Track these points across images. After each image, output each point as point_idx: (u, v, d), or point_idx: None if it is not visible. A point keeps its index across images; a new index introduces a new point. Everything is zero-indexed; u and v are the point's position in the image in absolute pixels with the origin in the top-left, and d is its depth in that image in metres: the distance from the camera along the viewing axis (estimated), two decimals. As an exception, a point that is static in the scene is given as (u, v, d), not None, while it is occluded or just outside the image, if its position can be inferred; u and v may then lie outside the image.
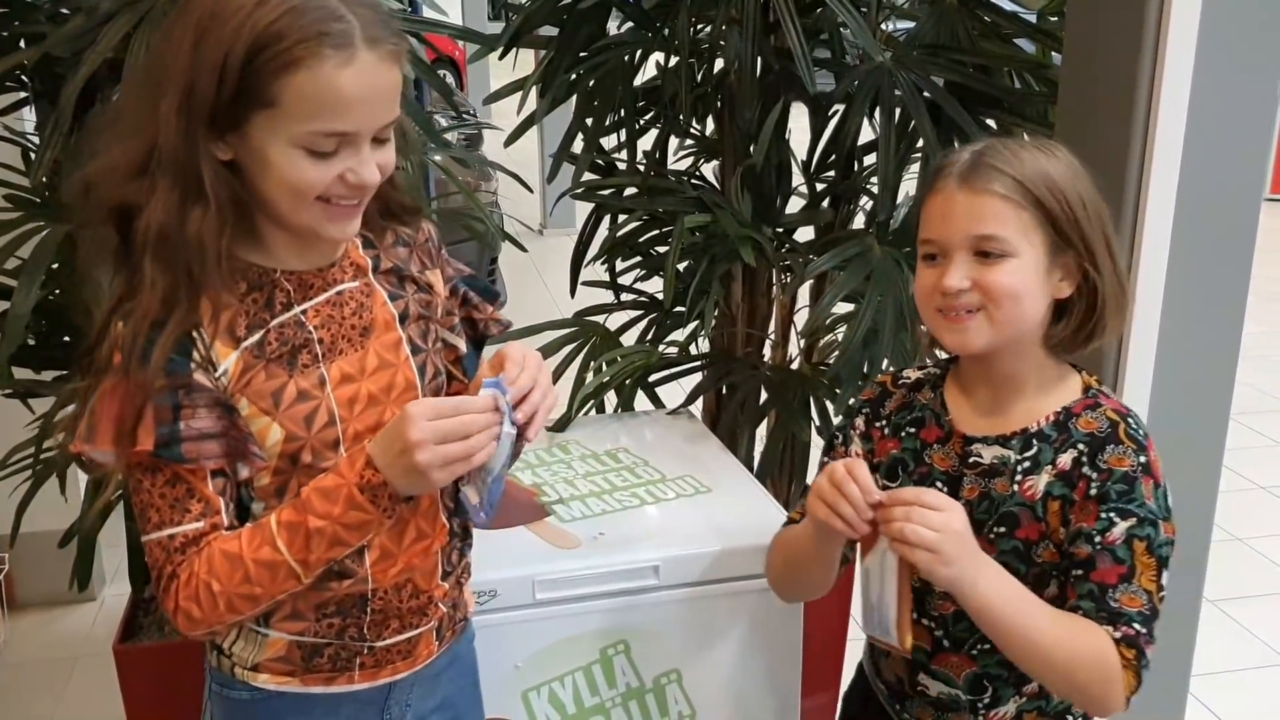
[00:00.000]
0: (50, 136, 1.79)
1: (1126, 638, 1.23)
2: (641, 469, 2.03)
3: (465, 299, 1.43)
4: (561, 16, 2.31)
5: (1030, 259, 1.27)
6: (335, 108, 1.12)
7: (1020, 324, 1.29)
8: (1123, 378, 1.64)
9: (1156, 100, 1.55)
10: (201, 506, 1.20)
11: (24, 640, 3.14)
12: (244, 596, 1.20)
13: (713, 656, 1.78)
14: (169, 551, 1.20)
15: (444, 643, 1.41)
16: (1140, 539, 1.25)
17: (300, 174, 1.15)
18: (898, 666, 1.45)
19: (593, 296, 2.60)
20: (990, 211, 1.26)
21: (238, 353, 1.21)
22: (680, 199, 2.33)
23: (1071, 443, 1.30)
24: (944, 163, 1.33)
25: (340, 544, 1.21)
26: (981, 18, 2.25)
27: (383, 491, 1.18)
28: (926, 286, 1.32)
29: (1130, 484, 1.27)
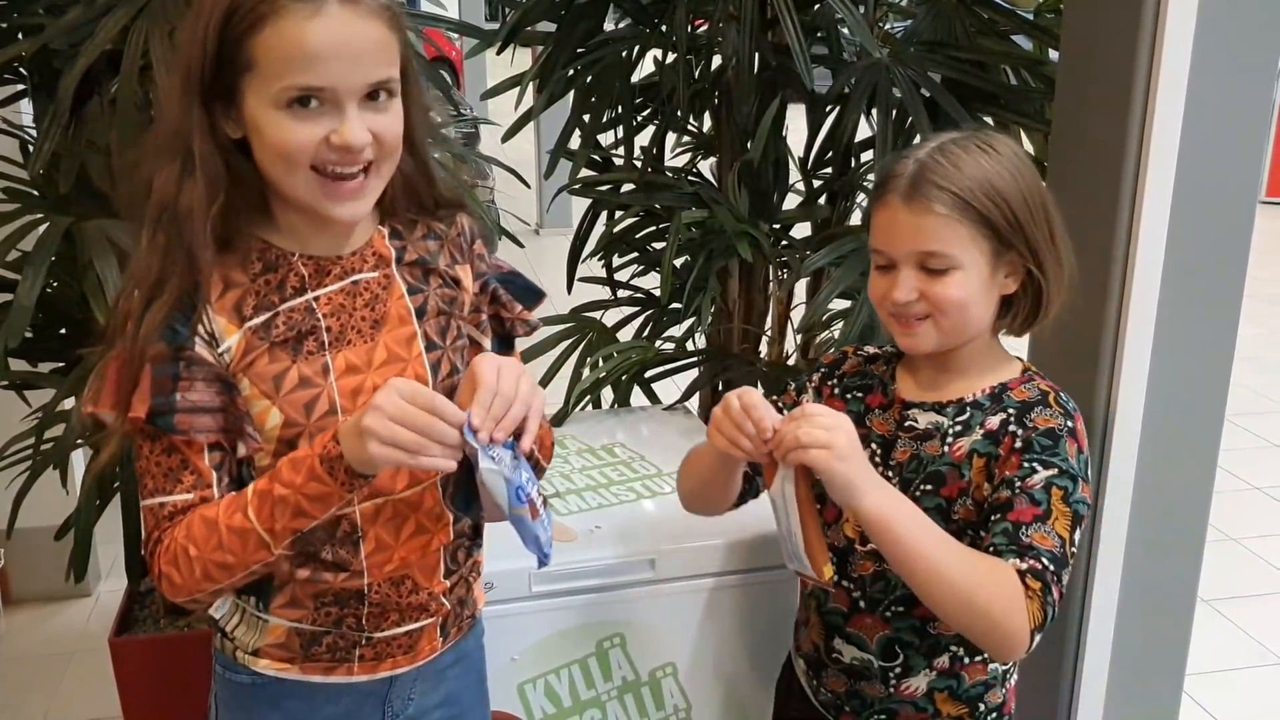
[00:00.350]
0: (48, 129, 1.79)
1: (1034, 570, 1.25)
2: (638, 464, 2.03)
3: (494, 296, 1.40)
4: (559, 12, 2.31)
5: (975, 268, 1.33)
6: (303, 61, 1.12)
7: (968, 328, 1.36)
8: (1118, 379, 1.64)
9: (1153, 98, 1.55)
10: (193, 479, 1.21)
11: (19, 635, 3.14)
12: (218, 564, 1.19)
13: (708, 650, 1.79)
14: (158, 519, 1.22)
15: (449, 639, 1.40)
16: (1059, 488, 1.29)
17: (283, 135, 1.15)
18: (815, 634, 1.49)
19: (590, 293, 2.60)
20: (932, 229, 1.31)
21: (241, 332, 1.22)
22: (677, 195, 2.33)
23: (1003, 408, 1.37)
24: (889, 174, 1.36)
25: (303, 515, 1.18)
26: (979, 14, 2.25)
27: (339, 464, 1.15)
28: (879, 293, 1.38)
29: (1055, 440, 1.32)
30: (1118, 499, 1.69)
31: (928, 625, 1.41)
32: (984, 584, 1.24)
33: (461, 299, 1.36)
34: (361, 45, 1.15)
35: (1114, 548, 1.71)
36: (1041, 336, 1.46)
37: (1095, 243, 1.64)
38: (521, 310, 1.42)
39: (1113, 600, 1.73)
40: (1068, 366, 1.73)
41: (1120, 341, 1.64)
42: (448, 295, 1.34)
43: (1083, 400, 1.67)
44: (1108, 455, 1.67)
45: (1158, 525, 1.71)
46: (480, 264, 1.39)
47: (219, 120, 1.17)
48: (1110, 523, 1.70)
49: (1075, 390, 1.68)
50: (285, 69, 1.13)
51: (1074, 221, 1.70)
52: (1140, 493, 1.69)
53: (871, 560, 1.41)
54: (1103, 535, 1.70)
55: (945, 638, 1.41)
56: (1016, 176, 1.34)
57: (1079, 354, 1.70)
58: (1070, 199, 1.71)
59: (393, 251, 1.31)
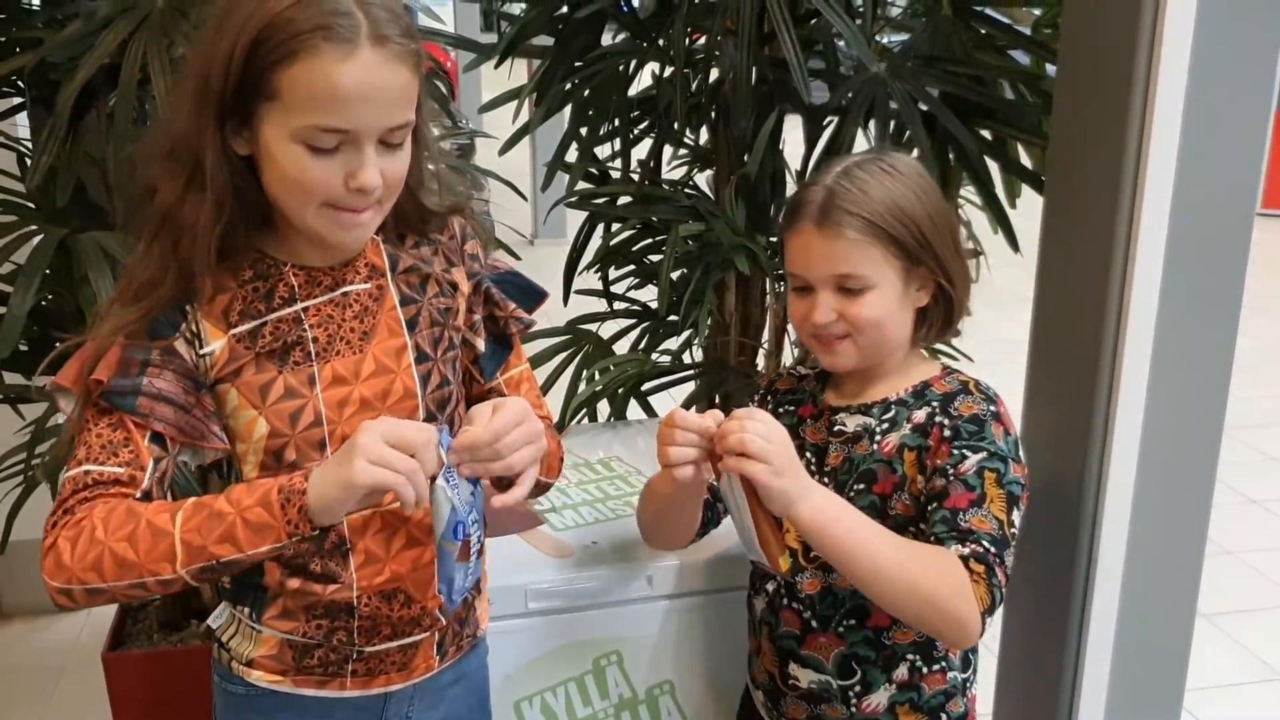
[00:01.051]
0: (46, 142, 1.79)
1: (975, 554, 1.27)
2: (634, 478, 2.02)
3: (488, 296, 1.40)
4: (557, 26, 2.31)
5: (889, 286, 1.39)
6: (332, 103, 1.12)
7: (887, 343, 1.42)
8: (1116, 392, 1.64)
9: (1150, 112, 1.55)
10: (130, 456, 1.18)
11: (10, 649, 3.13)
12: (116, 557, 1.12)
13: (706, 667, 1.77)
14: (77, 488, 1.17)
15: (447, 658, 1.39)
16: (990, 470, 1.33)
17: (301, 171, 1.15)
18: (769, 662, 1.50)
19: (586, 305, 2.59)
20: (845, 252, 1.37)
21: (225, 339, 1.22)
22: (674, 207, 2.33)
23: (926, 401, 1.41)
24: (800, 201, 1.41)
25: (230, 541, 1.12)
26: (976, 29, 2.25)
27: (296, 499, 1.12)
28: (798, 315, 1.44)
29: (980, 425, 1.36)
30: (1116, 513, 1.68)
31: (882, 635, 1.42)
32: (926, 572, 1.26)
33: (457, 306, 1.35)
34: (388, 91, 1.15)
35: (1113, 562, 1.70)
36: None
37: (1093, 256, 1.64)
38: (514, 308, 1.41)
39: (1112, 615, 1.72)
40: (1066, 380, 1.73)
41: (1119, 355, 1.63)
42: (443, 304, 1.34)
43: (1081, 414, 1.68)
44: (1106, 468, 1.67)
45: (1157, 539, 1.71)
46: (473, 264, 1.39)
47: (229, 136, 1.17)
48: (1109, 537, 1.69)
49: (1073, 404, 1.70)
50: (311, 108, 1.12)
51: (1071, 236, 1.71)
52: (1139, 507, 1.68)
53: (817, 578, 1.43)
54: (1101, 550, 1.69)
55: (901, 646, 1.43)
56: (921, 196, 1.40)
57: (1077, 368, 1.69)
58: (1068, 213, 1.72)
59: (387, 261, 1.30)
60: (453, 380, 1.35)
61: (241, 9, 1.12)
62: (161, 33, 1.73)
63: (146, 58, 1.71)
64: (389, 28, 1.14)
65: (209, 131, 1.15)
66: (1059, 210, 1.75)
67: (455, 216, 1.38)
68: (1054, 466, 1.73)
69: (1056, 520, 1.73)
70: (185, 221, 1.17)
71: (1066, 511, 1.72)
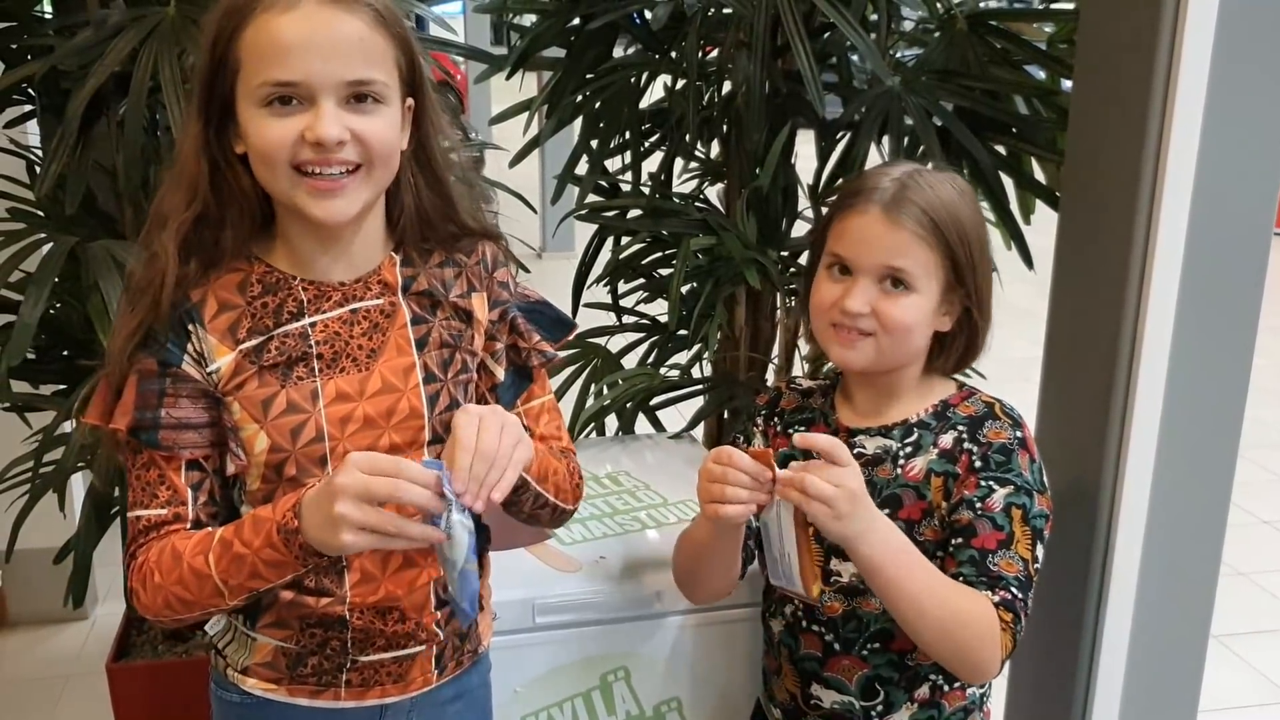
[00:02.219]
0: (56, 150, 1.78)
1: (1005, 601, 1.29)
2: (643, 492, 2.00)
3: (513, 325, 1.37)
4: (569, 38, 2.31)
5: (928, 295, 1.36)
6: (275, 55, 1.14)
7: (903, 355, 1.40)
8: (1131, 411, 1.62)
9: (1168, 128, 1.53)
10: (169, 494, 1.22)
11: (15, 658, 3.12)
12: (178, 598, 1.19)
13: (715, 685, 1.76)
14: (135, 533, 1.23)
15: (446, 673, 1.38)
16: (1018, 507, 1.33)
17: (262, 132, 1.16)
18: (790, 682, 1.49)
19: (595, 318, 2.58)
20: (906, 246, 1.34)
21: (233, 355, 1.22)
22: (685, 221, 2.32)
23: (951, 425, 1.40)
24: (867, 184, 1.38)
25: (259, 577, 1.17)
26: (991, 44, 2.23)
27: (294, 539, 1.12)
28: (827, 299, 1.39)
29: (1008, 455, 1.35)
30: (1130, 534, 1.67)
31: (906, 658, 1.41)
32: (964, 622, 1.27)
33: (470, 332, 1.33)
34: (337, 40, 1.14)
35: (1126, 583, 1.69)
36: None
37: (1108, 275, 1.63)
38: (538, 340, 1.38)
39: (1124, 637, 1.71)
40: (1080, 400, 1.72)
41: (1134, 375, 1.62)
42: (454, 328, 1.32)
43: (1096, 433, 1.66)
44: (1120, 489, 1.65)
45: (1171, 560, 1.69)
46: (502, 292, 1.36)
47: (229, 138, 1.19)
48: (1122, 557, 1.68)
49: (1088, 424, 1.68)
50: (261, 65, 1.14)
51: (1087, 254, 1.70)
52: (1153, 527, 1.67)
53: (840, 600, 1.42)
54: (1114, 570, 1.68)
55: (924, 667, 1.42)
56: (976, 219, 1.39)
57: (1091, 388, 1.68)
58: (1083, 231, 1.71)
59: (400, 279, 1.29)
60: (464, 403, 1.32)
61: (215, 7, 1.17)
62: (173, 41, 1.72)
63: (157, 66, 1.70)
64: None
65: (192, 124, 1.19)
66: (1074, 227, 1.74)
67: (487, 243, 1.36)
68: (1067, 486, 1.71)
69: (1069, 540, 1.72)
70: (166, 207, 1.20)
71: (1080, 532, 1.70)
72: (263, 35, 1.13)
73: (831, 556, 1.42)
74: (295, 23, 1.13)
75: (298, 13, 1.13)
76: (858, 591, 1.40)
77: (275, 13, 1.13)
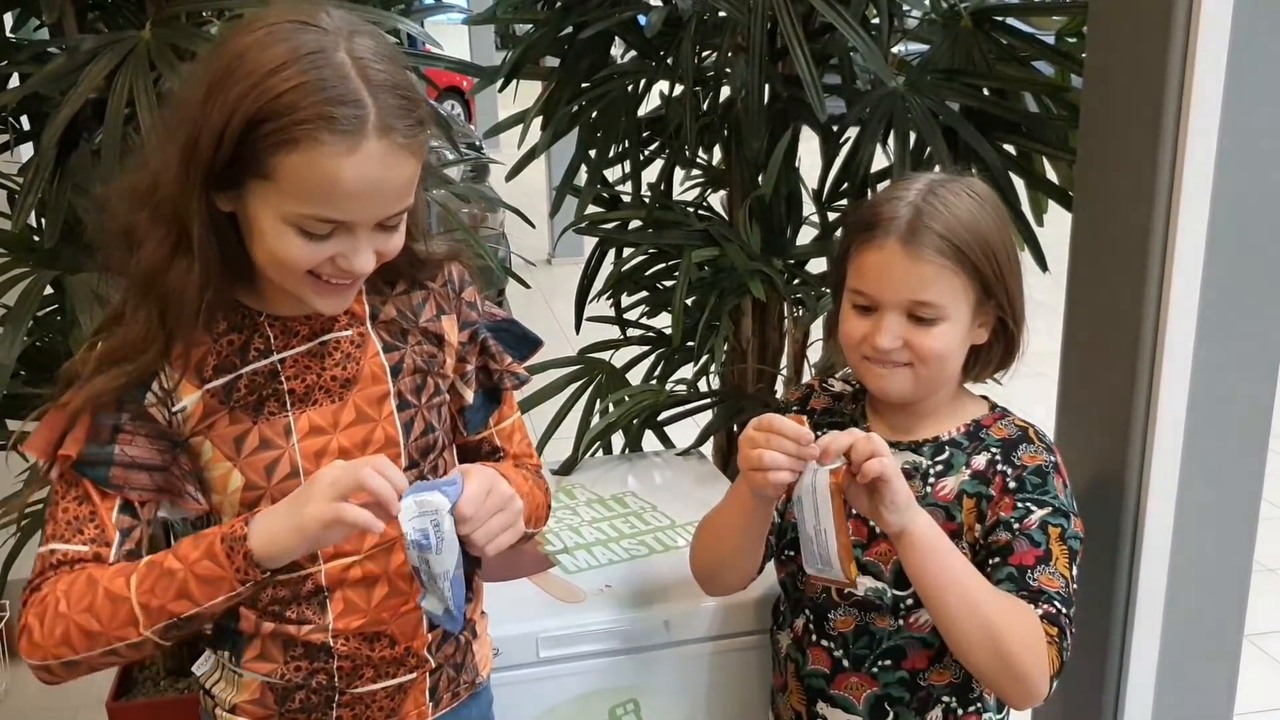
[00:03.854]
0: (33, 180, 1.74)
1: (1049, 615, 1.26)
2: (650, 514, 1.95)
3: (484, 346, 1.35)
4: (563, 47, 2.26)
5: (959, 320, 1.32)
6: (330, 196, 1.07)
7: (941, 379, 1.36)
8: (1155, 414, 1.57)
9: (1185, 124, 1.48)
10: (95, 532, 1.17)
11: (22, 692, 3.08)
12: (81, 629, 1.12)
13: (728, 715, 1.70)
14: (44, 566, 1.16)
15: (441, 705, 1.35)
16: (1055, 526, 1.30)
17: (287, 251, 1.11)
18: (795, 700, 1.45)
19: (599, 332, 2.53)
20: (930, 279, 1.29)
21: (199, 394, 1.18)
22: (686, 232, 2.27)
23: (985, 446, 1.36)
24: (880, 215, 1.32)
25: (186, 597, 1.11)
26: (998, 40, 2.19)
27: (240, 546, 1.10)
28: (855, 335, 1.34)
29: (1044, 477, 1.33)
30: (1157, 533, 1.61)
31: (918, 677, 1.37)
32: (1012, 625, 1.23)
33: (442, 356, 1.31)
34: (390, 185, 1.10)
35: (1154, 585, 1.64)
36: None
37: (1126, 276, 1.57)
38: (510, 363, 1.37)
39: (1154, 639, 1.66)
40: (1101, 403, 1.67)
41: (1155, 378, 1.57)
42: (426, 352, 1.30)
43: (1118, 432, 1.62)
44: (1145, 485, 1.60)
45: (1200, 559, 1.64)
46: (470, 312, 1.34)
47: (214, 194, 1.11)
48: (1150, 559, 1.62)
49: (1110, 424, 1.62)
50: (307, 198, 1.08)
51: (1102, 255, 1.64)
52: (1181, 525, 1.61)
53: (851, 615, 1.39)
54: (1142, 573, 1.63)
55: (937, 688, 1.37)
56: (999, 225, 1.34)
57: (1112, 392, 1.62)
58: (1097, 231, 1.66)
59: (367, 309, 1.26)
60: (438, 427, 1.31)
61: (237, 80, 1.05)
62: (148, 66, 1.67)
63: (133, 92, 1.65)
64: (398, 118, 1.08)
65: (196, 199, 1.09)
66: (1089, 227, 1.69)
67: (452, 263, 1.34)
68: (1090, 485, 1.66)
69: (1094, 543, 1.65)
70: (173, 287, 1.12)
71: (1105, 533, 1.65)
72: (318, 172, 1.05)
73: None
74: (356, 168, 1.06)
75: (358, 158, 1.05)
76: (871, 606, 1.37)
77: (334, 152, 1.05)
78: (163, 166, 1.10)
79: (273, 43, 1.06)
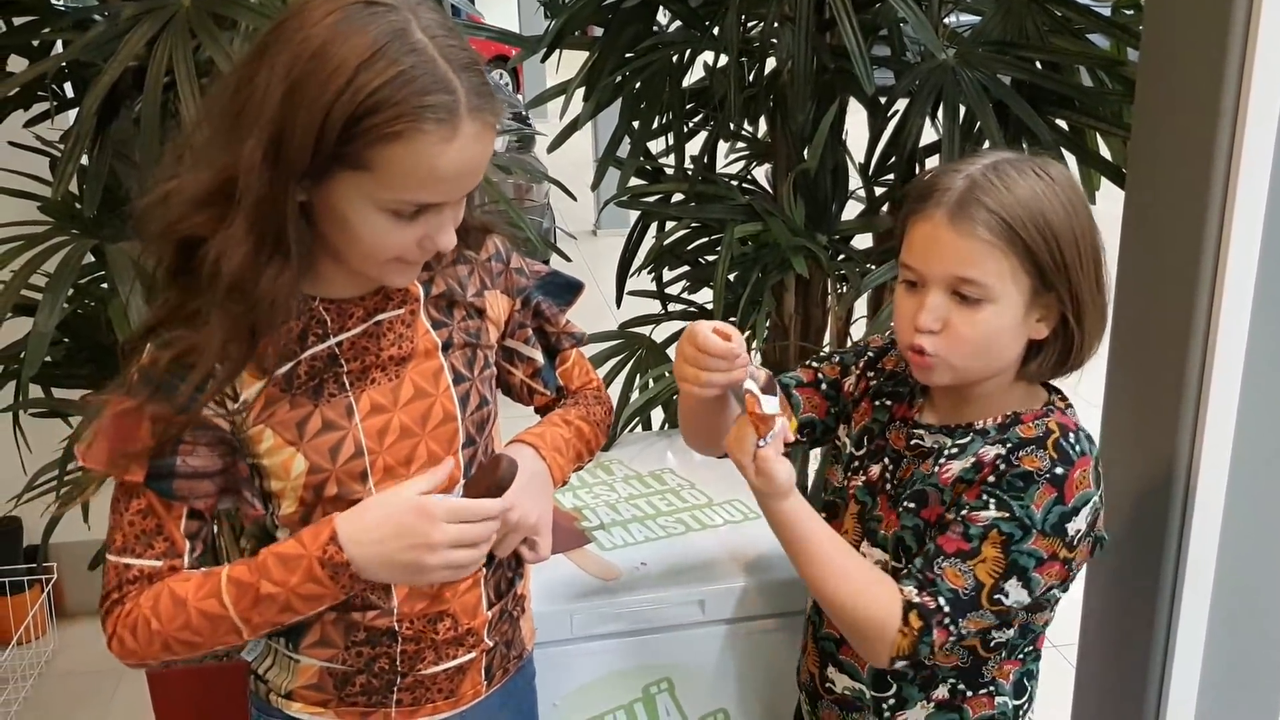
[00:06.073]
0: (73, 148, 1.74)
1: (923, 608, 1.22)
2: (687, 492, 1.93)
3: (538, 310, 1.39)
4: (606, 16, 2.23)
5: (1009, 304, 1.24)
6: (428, 181, 1.09)
7: (988, 367, 1.29)
8: (1206, 403, 1.53)
9: (1245, 100, 1.43)
10: (165, 546, 1.17)
11: (71, 651, 3.14)
12: (181, 641, 1.15)
13: (762, 696, 1.70)
14: (122, 580, 1.17)
15: (494, 683, 1.36)
16: (1002, 534, 1.23)
17: (379, 237, 1.11)
18: (811, 662, 1.46)
19: (640, 306, 2.51)
20: (975, 255, 1.23)
21: (263, 384, 1.17)
22: (729, 206, 2.24)
23: (1004, 441, 1.29)
24: (933, 186, 1.26)
25: (291, 610, 1.16)
26: (1052, 11, 2.14)
27: (344, 571, 1.14)
28: (905, 316, 1.29)
29: (1026, 482, 1.24)
30: (1206, 531, 1.57)
31: None
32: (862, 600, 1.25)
33: (486, 328, 1.33)
34: (479, 163, 1.13)
35: (1201, 587, 1.60)
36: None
37: (1179, 257, 1.53)
38: (566, 323, 1.42)
39: (1199, 639, 1.62)
40: (1149, 392, 1.63)
41: (1208, 365, 1.52)
42: (472, 327, 1.31)
43: (1167, 429, 1.57)
44: (1194, 484, 1.56)
45: (1249, 557, 1.60)
46: (519, 278, 1.36)
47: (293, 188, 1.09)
48: (1197, 559, 1.59)
49: (1158, 417, 1.58)
50: (407, 186, 1.09)
51: (1155, 238, 1.60)
52: (1230, 523, 1.57)
53: None
54: (1189, 572, 1.59)
55: (942, 669, 1.35)
56: (1070, 212, 1.24)
57: (1162, 379, 1.59)
58: (1151, 211, 1.62)
59: (420, 288, 1.26)
60: (490, 400, 1.32)
61: (326, 78, 1.03)
62: (188, 34, 1.66)
63: (172, 61, 1.64)
64: (483, 97, 1.09)
65: (289, 200, 1.08)
66: (1142, 206, 1.65)
67: (492, 235, 1.35)
68: (1137, 484, 1.63)
69: (1140, 540, 1.63)
70: (264, 292, 1.10)
71: (1151, 531, 1.61)
72: (420, 160, 1.06)
73: (862, 541, 1.37)
74: (456, 152, 1.08)
75: (458, 142, 1.07)
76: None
77: (435, 140, 1.06)
78: (245, 168, 1.06)
79: (351, 32, 1.04)
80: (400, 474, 1.22)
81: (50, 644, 3.15)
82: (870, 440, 1.41)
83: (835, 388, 1.46)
